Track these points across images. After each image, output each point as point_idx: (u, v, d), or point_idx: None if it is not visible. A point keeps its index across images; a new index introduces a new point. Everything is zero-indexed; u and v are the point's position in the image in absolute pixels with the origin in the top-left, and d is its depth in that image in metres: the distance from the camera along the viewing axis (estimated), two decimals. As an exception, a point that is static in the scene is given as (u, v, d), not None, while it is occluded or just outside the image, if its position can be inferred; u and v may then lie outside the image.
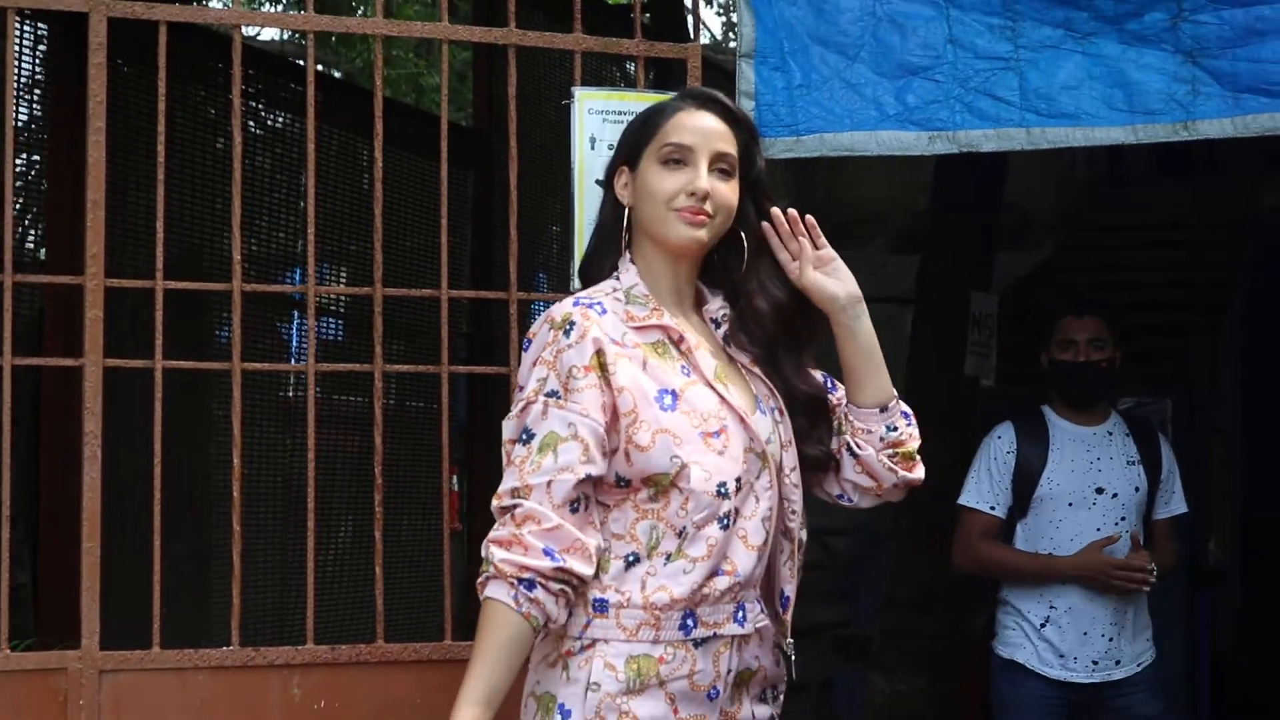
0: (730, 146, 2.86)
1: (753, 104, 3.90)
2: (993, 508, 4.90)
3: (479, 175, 7.09)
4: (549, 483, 2.68)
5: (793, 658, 2.91)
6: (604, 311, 2.78)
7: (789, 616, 2.90)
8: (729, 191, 2.85)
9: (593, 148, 3.59)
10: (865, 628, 7.77)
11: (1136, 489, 4.82)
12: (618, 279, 2.86)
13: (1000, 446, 4.92)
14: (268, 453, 6.58)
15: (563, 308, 2.78)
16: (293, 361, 6.90)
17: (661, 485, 2.73)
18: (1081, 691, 4.74)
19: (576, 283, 3.04)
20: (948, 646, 7.12)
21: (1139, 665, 4.79)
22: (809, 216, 2.92)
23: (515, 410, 2.76)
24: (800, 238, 2.92)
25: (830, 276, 2.92)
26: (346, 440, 6.79)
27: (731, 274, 2.93)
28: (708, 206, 2.81)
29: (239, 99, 3.61)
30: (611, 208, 2.91)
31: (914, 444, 2.98)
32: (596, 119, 3.59)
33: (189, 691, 3.48)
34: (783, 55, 3.91)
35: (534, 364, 2.76)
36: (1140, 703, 4.77)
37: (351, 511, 6.74)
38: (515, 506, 2.70)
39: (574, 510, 2.70)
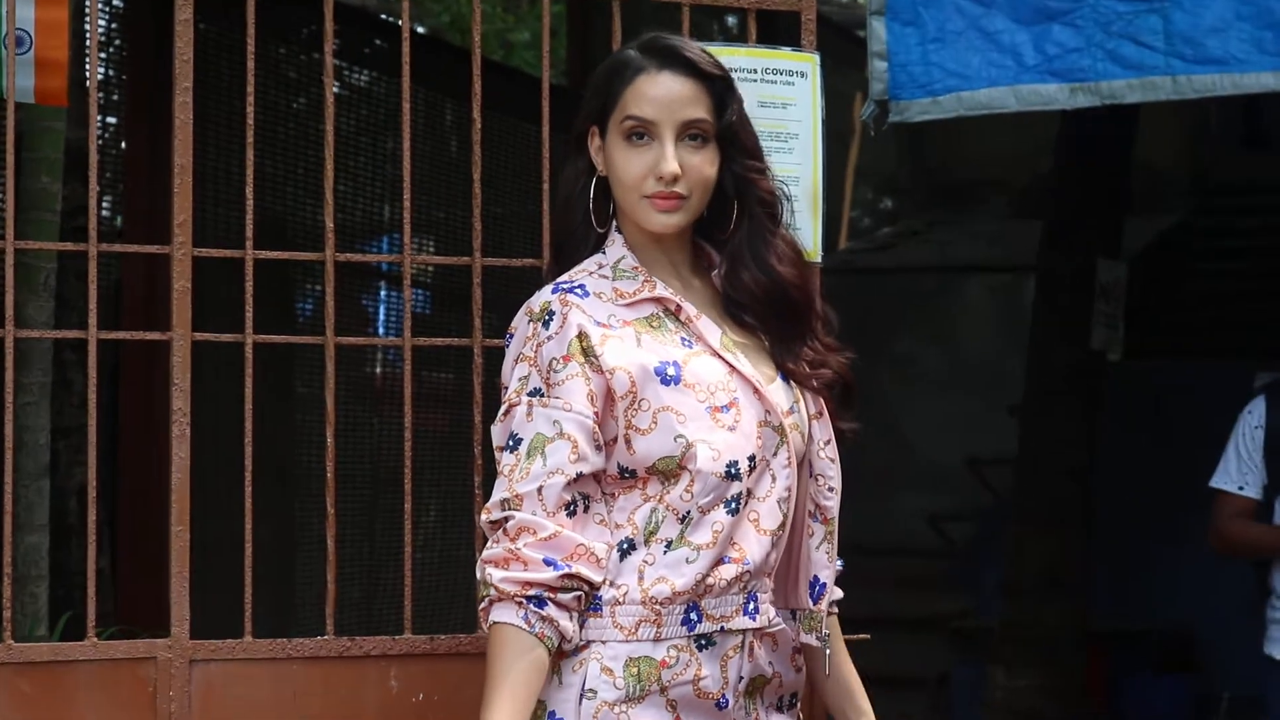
0: (699, 110, 2.66)
1: (885, 65, 3.85)
2: (1242, 488, 4.83)
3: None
4: (539, 489, 2.53)
5: (827, 653, 2.76)
6: (585, 294, 2.62)
7: (823, 606, 2.74)
8: (702, 163, 2.66)
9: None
10: (986, 618, 7.72)
11: None
12: (603, 253, 2.70)
13: (1249, 422, 4.84)
14: (353, 432, 6.62)
15: (541, 296, 2.64)
16: (380, 335, 6.92)
17: (669, 471, 2.58)
18: None
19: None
20: (1072, 637, 7.07)
21: None
22: None
23: (500, 414, 2.62)
24: None
25: None
26: (433, 420, 6.82)
27: (719, 234, 2.75)
28: (680, 188, 2.63)
29: (330, 55, 3.58)
30: (583, 173, 2.71)
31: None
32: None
33: (282, 683, 3.46)
34: (914, 7, 3.86)
35: (515, 361, 2.62)
36: None
37: (437, 495, 6.77)
38: (507, 519, 2.54)
39: (571, 513, 2.55)
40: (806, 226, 3.51)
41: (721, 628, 2.60)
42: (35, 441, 4.42)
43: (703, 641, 2.60)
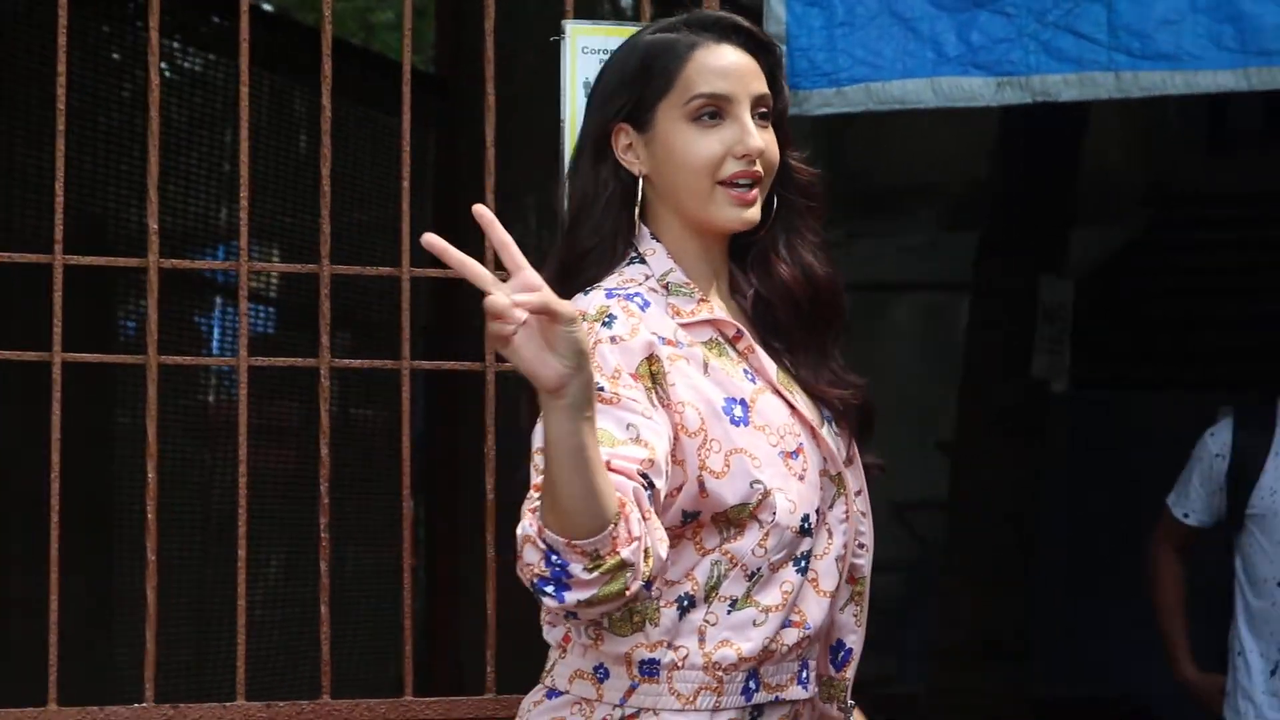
0: (764, 85, 2.66)
1: (784, 49, 3.84)
2: (1186, 515, 4.94)
3: (442, 134, 7.07)
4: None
5: None
6: (645, 305, 2.56)
7: (849, 674, 2.77)
8: (773, 142, 2.66)
9: (586, 93, 3.59)
10: (909, 684, 7.79)
11: None
12: (644, 263, 2.64)
13: (1211, 448, 4.89)
14: (183, 470, 6.59)
15: (594, 300, 2.53)
16: (215, 356, 6.90)
17: (737, 519, 2.55)
18: None
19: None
20: (1011, 707, 7.13)
21: None
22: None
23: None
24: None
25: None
26: (277, 456, 6.80)
27: (750, 235, 2.70)
28: (758, 167, 2.62)
29: (156, 31, 3.60)
30: (611, 179, 2.67)
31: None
32: (592, 59, 3.58)
33: (92, 758, 3.48)
34: (820, -15, 3.91)
35: None
36: None
37: (282, 543, 6.74)
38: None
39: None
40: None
41: (776, 698, 2.61)
42: None
43: (755, 712, 2.60)
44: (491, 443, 3.72)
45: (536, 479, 2.38)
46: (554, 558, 2.30)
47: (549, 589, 2.31)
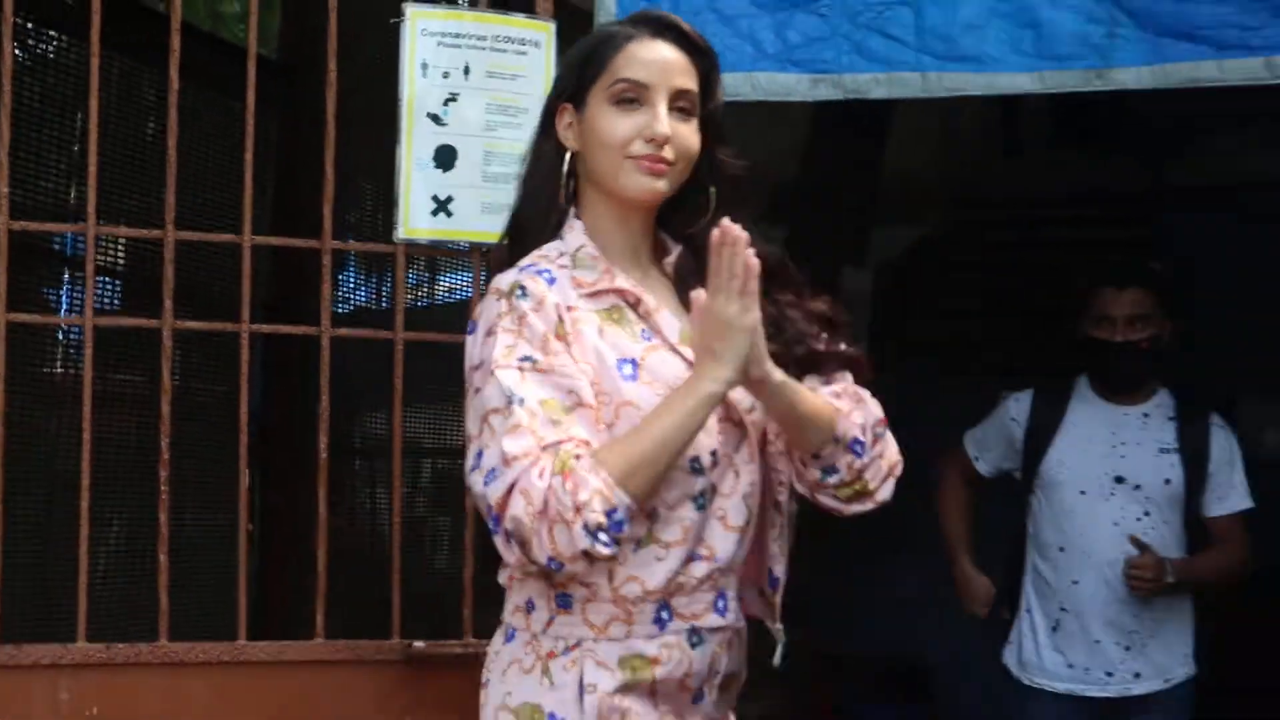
0: (691, 81, 2.79)
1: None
2: (976, 458, 5.07)
3: (284, 118, 6.97)
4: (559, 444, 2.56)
5: (781, 642, 2.88)
6: (553, 280, 2.70)
7: (779, 599, 2.87)
8: (690, 134, 2.78)
9: (424, 75, 3.54)
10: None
11: (1167, 481, 4.77)
12: (561, 239, 2.79)
13: (1010, 410, 5.01)
14: (29, 436, 6.42)
15: (506, 277, 2.70)
16: (61, 334, 6.75)
17: None
18: (1096, 708, 4.75)
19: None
20: (799, 661, 7.14)
21: (1167, 681, 4.77)
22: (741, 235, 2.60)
23: (479, 384, 2.63)
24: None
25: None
26: (122, 423, 6.66)
27: (691, 225, 2.84)
28: (667, 153, 2.73)
29: (10, 11, 3.52)
30: (551, 153, 2.83)
31: (870, 477, 2.84)
32: (430, 41, 3.54)
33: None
34: (647, -19, 3.88)
35: (488, 335, 2.64)
36: None
37: (125, 506, 6.61)
38: (535, 461, 2.53)
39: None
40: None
41: (692, 626, 2.71)
42: None
43: (695, 639, 2.72)
44: (326, 404, 3.68)
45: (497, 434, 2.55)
46: (615, 514, 2.53)
47: (600, 537, 2.52)
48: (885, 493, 2.87)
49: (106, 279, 6.98)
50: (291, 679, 3.51)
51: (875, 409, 2.85)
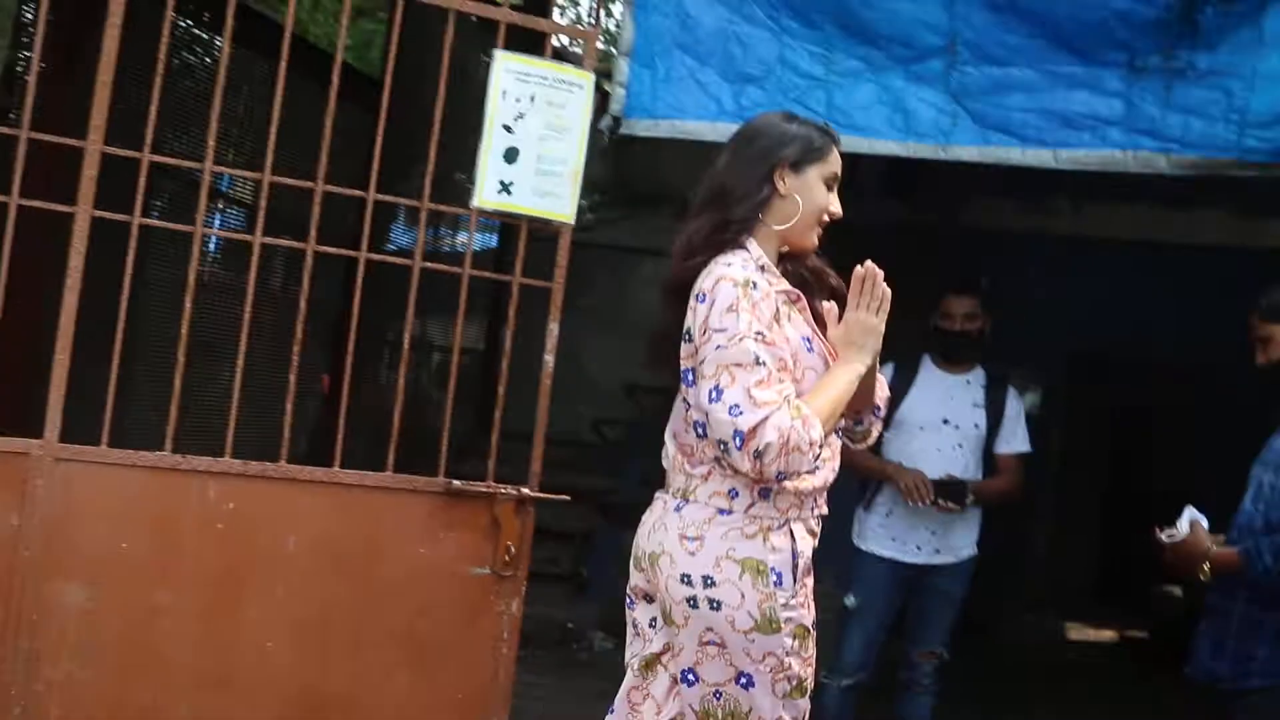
0: None
1: (624, 92, 3.84)
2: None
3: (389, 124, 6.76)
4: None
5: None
6: (762, 275, 2.73)
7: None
8: None
9: (504, 99, 3.45)
10: (627, 496, 7.76)
11: (976, 425, 4.75)
12: (747, 250, 2.74)
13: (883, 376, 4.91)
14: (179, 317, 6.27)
15: (738, 271, 2.65)
16: (213, 249, 6.61)
17: None
18: (909, 570, 4.71)
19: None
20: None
21: (958, 557, 4.74)
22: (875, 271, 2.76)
23: (720, 342, 2.59)
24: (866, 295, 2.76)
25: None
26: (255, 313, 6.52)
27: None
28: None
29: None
30: (761, 188, 2.75)
31: (874, 431, 3.00)
32: (510, 76, 3.44)
33: (127, 484, 3.30)
34: (652, 56, 3.86)
35: (728, 310, 2.60)
36: (952, 585, 4.73)
37: (258, 368, 6.48)
38: (779, 406, 2.56)
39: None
40: (569, 196, 3.48)
41: (822, 514, 2.80)
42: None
43: (820, 524, 2.80)
44: (411, 313, 3.59)
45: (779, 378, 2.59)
46: (820, 445, 2.61)
47: (815, 461, 2.63)
48: (873, 439, 3.02)
49: (238, 208, 6.82)
50: (367, 497, 3.44)
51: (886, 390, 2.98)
